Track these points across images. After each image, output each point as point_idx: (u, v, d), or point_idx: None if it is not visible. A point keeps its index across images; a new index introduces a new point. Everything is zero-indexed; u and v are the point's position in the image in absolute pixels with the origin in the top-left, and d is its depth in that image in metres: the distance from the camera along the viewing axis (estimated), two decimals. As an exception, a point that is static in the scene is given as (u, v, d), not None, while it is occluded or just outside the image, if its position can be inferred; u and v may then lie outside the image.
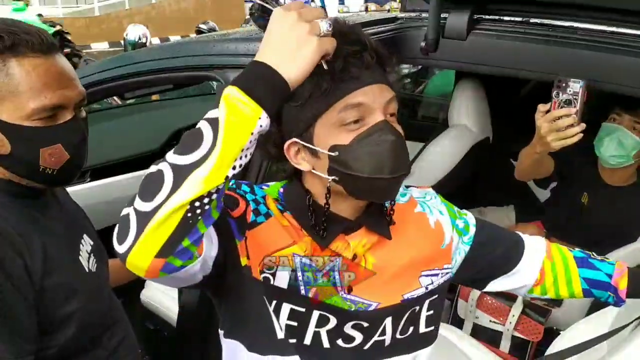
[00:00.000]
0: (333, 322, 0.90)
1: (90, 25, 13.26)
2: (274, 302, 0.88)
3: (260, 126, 0.71)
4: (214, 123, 0.69)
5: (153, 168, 0.70)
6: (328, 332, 0.90)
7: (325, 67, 0.76)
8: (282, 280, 0.87)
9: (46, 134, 0.95)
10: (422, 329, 0.98)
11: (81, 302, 1.02)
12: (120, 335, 1.16)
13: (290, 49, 0.71)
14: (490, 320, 1.89)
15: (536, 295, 1.11)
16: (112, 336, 1.13)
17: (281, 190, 0.93)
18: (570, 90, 1.32)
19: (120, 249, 0.68)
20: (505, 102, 2.46)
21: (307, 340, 0.90)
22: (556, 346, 1.45)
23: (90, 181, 2.14)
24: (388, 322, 0.93)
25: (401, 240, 0.94)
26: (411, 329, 0.96)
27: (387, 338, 0.94)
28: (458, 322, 1.96)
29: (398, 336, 0.95)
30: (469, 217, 1.06)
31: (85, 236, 1.14)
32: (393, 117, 0.84)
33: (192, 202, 0.67)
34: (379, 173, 0.80)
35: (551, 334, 1.76)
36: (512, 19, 1.52)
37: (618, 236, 1.80)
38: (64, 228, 1.08)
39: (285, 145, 0.84)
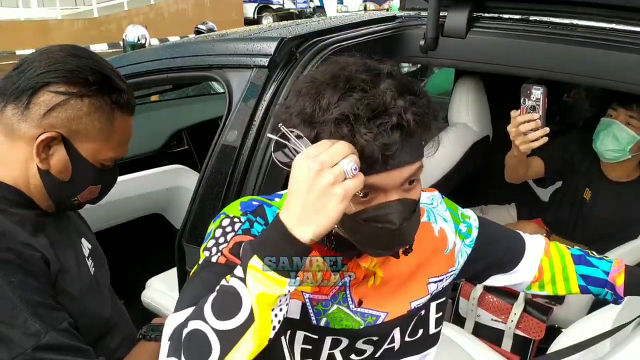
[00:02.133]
0: (345, 342, 0.92)
1: (89, 26, 13.25)
2: (289, 331, 0.90)
3: (288, 291, 0.70)
4: (244, 293, 0.68)
5: (192, 326, 0.69)
6: (341, 351, 0.93)
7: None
8: (294, 311, 0.88)
9: (99, 176, 1.05)
10: (432, 330, 1.01)
11: (87, 304, 1.04)
12: (121, 336, 1.16)
13: (314, 206, 0.67)
14: (492, 319, 1.89)
15: (534, 291, 1.14)
16: (113, 337, 1.13)
17: None
18: (533, 97, 1.37)
19: None
20: (505, 100, 2.46)
21: (323, 359, 0.92)
22: (558, 344, 1.45)
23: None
24: (396, 331, 0.95)
25: (406, 257, 0.93)
26: (421, 331, 0.98)
27: (397, 345, 0.96)
28: (460, 321, 1.96)
29: (407, 339, 0.97)
30: (472, 219, 1.07)
31: (83, 240, 1.15)
32: (414, 182, 0.78)
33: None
34: (376, 249, 0.80)
35: (553, 332, 1.76)
36: (511, 16, 1.52)
37: (620, 232, 1.80)
38: (66, 233, 1.10)
39: None
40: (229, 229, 0.85)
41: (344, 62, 0.79)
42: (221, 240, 0.83)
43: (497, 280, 1.11)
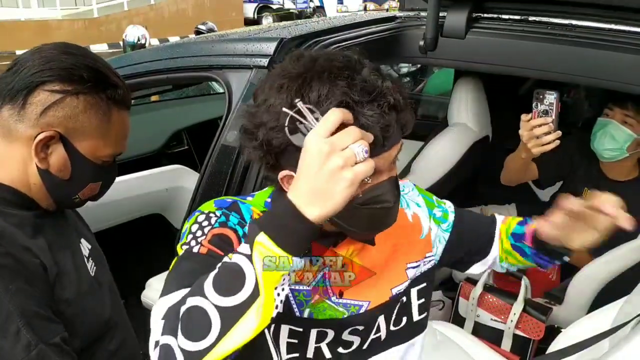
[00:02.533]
0: (331, 334, 0.93)
1: (89, 26, 13.25)
2: (273, 325, 0.89)
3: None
4: (249, 269, 0.67)
5: (191, 303, 0.67)
6: (328, 344, 0.93)
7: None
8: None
9: (99, 172, 1.05)
10: (416, 317, 1.01)
11: (86, 305, 1.04)
12: (121, 336, 1.16)
13: (322, 189, 0.66)
14: (492, 319, 1.89)
15: (505, 264, 1.12)
16: (113, 338, 1.13)
17: (268, 200, 0.93)
18: (546, 102, 1.44)
19: None
20: (504, 100, 2.46)
21: (310, 354, 0.93)
22: (557, 344, 1.45)
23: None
24: (381, 319, 0.96)
25: (383, 239, 0.95)
26: (404, 319, 0.99)
27: (382, 334, 0.97)
28: (459, 321, 1.96)
29: (392, 328, 0.98)
30: (448, 205, 1.09)
31: (82, 240, 1.15)
32: (394, 161, 0.82)
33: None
34: (371, 231, 0.84)
35: (552, 332, 1.76)
36: (511, 17, 1.52)
37: (619, 232, 1.79)
38: (65, 234, 1.10)
39: (281, 175, 0.81)
40: (205, 223, 0.85)
41: (310, 55, 0.80)
42: (199, 234, 0.83)
43: (477, 269, 1.11)
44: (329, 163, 0.65)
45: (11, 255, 0.91)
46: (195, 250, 0.81)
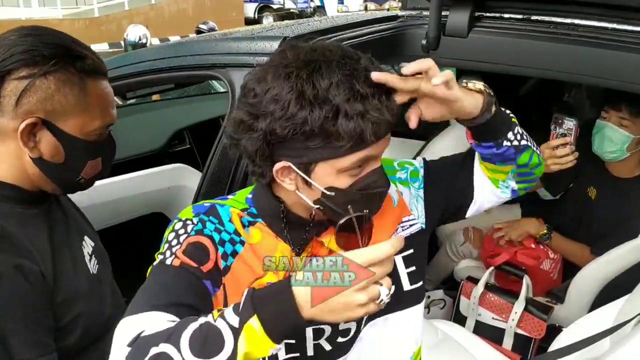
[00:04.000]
0: (328, 329, 0.93)
1: (90, 26, 13.24)
2: None
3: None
4: (229, 341, 0.67)
5: (163, 349, 0.67)
6: (327, 339, 0.93)
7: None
8: None
9: (94, 148, 1.03)
10: (406, 286, 0.99)
11: (86, 304, 1.04)
12: None
13: (332, 307, 0.69)
14: (493, 318, 1.90)
15: (504, 183, 1.05)
16: (111, 339, 1.13)
17: (249, 196, 0.93)
18: (565, 127, 1.63)
19: None
20: (506, 100, 2.46)
21: (310, 351, 0.93)
22: (558, 343, 1.45)
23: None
24: None
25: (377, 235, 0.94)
26: (393, 287, 0.96)
27: (377, 315, 0.97)
28: (460, 320, 1.96)
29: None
30: (417, 161, 1.06)
31: (86, 238, 1.15)
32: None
33: None
34: (362, 213, 0.83)
35: (554, 331, 1.76)
36: (513, 16, 1.52)
37: (624, 229, 1.80)
38: (66, 231, 1.09)
39: (278, 166, 0.82)
40: (181, 231, 0.86)
41: (309, 46, 0.82)
42: (174, 242, 0.85)
43: (474, 210, 1.06)
44: (355, 296, 0.68)
45: (10, 264, 0.90)
46: (168, 262, 0.82)
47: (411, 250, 0.98)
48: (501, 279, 2.02)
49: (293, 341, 0.91)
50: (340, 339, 0.94)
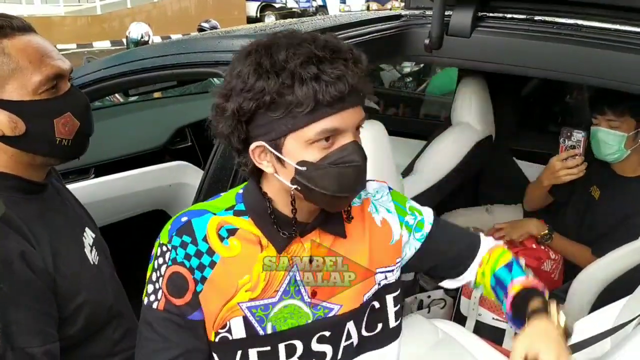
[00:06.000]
0: (300, 346, 0.92)
1: (92, 23, 13.25)
2: (239, 352, 0.90)
3: None
4: None
5: None
6: (300, 357, 0.92)
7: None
8: (238, 330, 0.90)
9: (55, 105, 0.98)
10: (392, 323, 1.01)
11: (88, 294, 1.04)
12: (125, 326, 1.16)
13: None
14: (493, 318, 1.89)
15: (480, 289, 1.13)
16: (117, 327, 1.14)
17: (240, 192, 0.94)
18: (574, 139, 1.81)
19: None
20: (508, 100, 2.46)
21: None
22: (559, 343, 1.45)
23: (94, 178, 2.15)
24: (350, 325, 0.95)
25: (355, 241, 0.95)
26: (380, 325, 0.99)
27: (355, 340, 0.96)
28: (461, 320, 1.96)
29: (365, 333, 0.98)
30: (427, 214, 1.06)
31: (87, 229, 1.15)
32: (358, 130, 0.85)
33: None
34: (342, 192, 0.83)
35: (554, 331, 1.76)
36: (516, 16, 1.53)
37: (626, 228, 1.80)
38: (67, 222, 1.09)
39: (252, 146, 0.84)
40: (160, 260, 0.89)
41: (274, 32, 0.84)
42: (154, 277, 0.90)
43: (447, 284, 1.12)
44: None
45: (16, 252, 0.90)
46: (154, 306, 0.89)
47: (398, 292, 1.02)
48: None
49: None
50: None
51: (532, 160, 2.43)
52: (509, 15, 1.54)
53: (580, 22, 1.45)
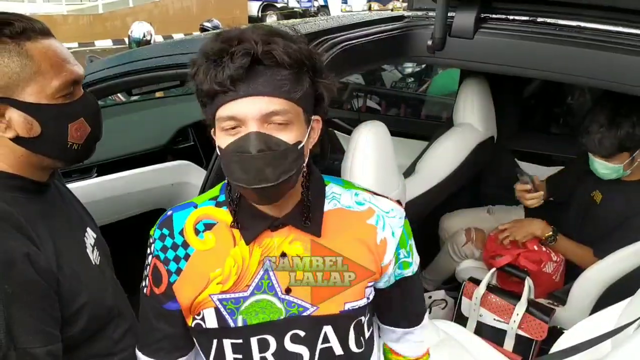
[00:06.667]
0: (273, 342, 0.92)
1: (94, 22, 13.25)
2: (215, 341, 0.93)
3: None
4: None
5: None
6: (273, 354, 0.93)
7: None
8: (211, 320, 0.92)
9: (70, 110, 0.99)
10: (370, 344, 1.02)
11: (90, 294, 1.04)
12: (125, 325, 1.16)
13: None
14: (494, 319, 1.90)
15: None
16: (117, 327, 1.14)
17: (225, 182, 0.96)
18: (524, 180, 2.10)
19: None
20: (510, 101, 2.46)
21: None
22: (560, 345, 1.45)
23: (97, 177, 2.16)
24: (328, 330, 0.94)
25: (344, 247, 0.93)
26: (362, 342, 0.98)
27: (336, 347, 0.94)
28: (462, 320, 1.96)
29: (355, 350, 0.96)
30: (416, 261, 1.03)
31: (88, 229, 1.16)
32: (283, 124, 0.82)
33: None
34: (241, 182, 0.83)
35: (555, 333, 1.76)
36: (519, 18, 1.53)
37: (627, 231, 1.81)
38: (69, 222, 1.10)
39: (211, 132, 0.87)
40: (148, 251, 0.98)
41: None
42: (146, 265, 0.98)
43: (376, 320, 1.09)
44: None
45: (20, 252, 0.90)
46: (144, 291, 0.99)
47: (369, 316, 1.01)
48: (503, 280, 2.03)
49: (240, 356, 0.93)
50: None
51: (533, 161, 2.43)
52: (511, 17, 1.55)
53: (582, 24, 1.45)
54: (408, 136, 2.67)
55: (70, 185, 1.26)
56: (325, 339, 0.93)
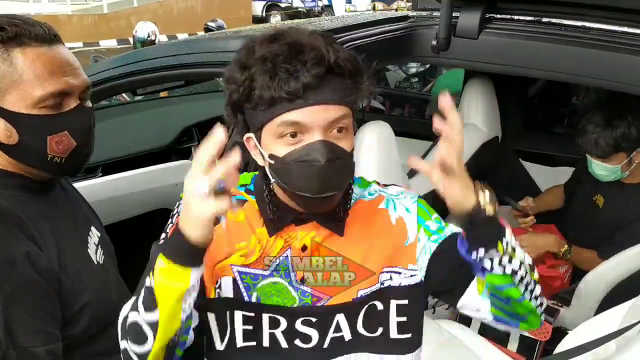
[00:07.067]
0: (284, 323, 0.92)
1: (99, 22, 13.29)
2: (227, 312, 0.92)
3: (192, 285, 0.77)
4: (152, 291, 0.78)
5: (131, 318, 0.82)
6: (283, 332, 0.93)
7: (223, 227, 0.82)
8: (227, 290, 0.92)
9: (52, 122, 0.96)
10: (393, 334, 0.95)
11: (92, 294, 1.04)
12: None
13: (185, 213, 0.75)
14: (498, 319, 1.89)
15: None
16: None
17: (256, 175, 0.97)
18: (512, 205, 2.15)
19: None
20: (514, 101, 2.46)
21: (265, 342, 0.93)
22: (564, 345, 1.45)
23: (102, 176, 2.16)
24: (341, 318, 0.93)
25: (358, 236, 0.94)
26: (380, 329, 0.95)
27: (346, 334, 0.94)
28: (466, 320, 1.96)
29: (362, 332, 0.94)
30: (452, 226, 0.98)
31: (92, 228, 1.15)
32: (343, 132, 0.83)
33: (167, 345, 0.81)
34: (305, 191, 0.83)
35: (559, 333, 1.76)
36: (524, 18, 1.53)
37: (630, 233, 1.80)
38: (73, 221, 1.10)
39: (245, 137, 0.87)
40: (175, 212, 0.95)
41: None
42: (169, 222, 0.95)
43: (468, 302, 0.96)
44: (185, 192, 0.74)
45: (21, 251, 0.91)
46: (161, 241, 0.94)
47: (406, 301, 0.95)
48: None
49: (250, 327, 0.92)
50: (299, 342, 0.93)
51: (538, 162, 2.43)
52: (516, 17, 1.54)
53: (587, 24, 1.45)
54: (412, 136, 2.67)
55: (75, 184, 1.27)
56: (338, 329, 0.93)
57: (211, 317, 0.94)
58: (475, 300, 0.95)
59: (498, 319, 0.96)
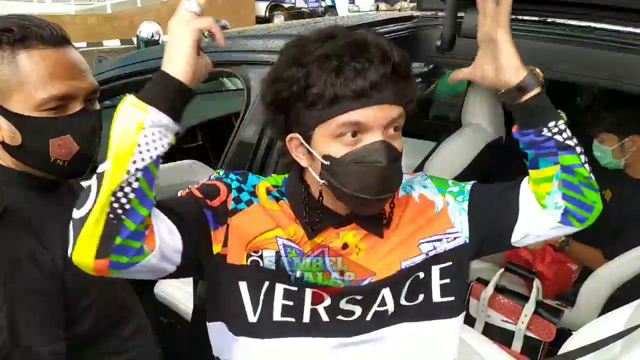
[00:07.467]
0: (327, 300, 0.91)
1: (102, 22, 13.33)
2: (267, 283, 0.89)
3: (152, 121, 0.74)
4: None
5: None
6: (325, 308, 0.91)
7: (205, 39, 0.81)
8: (269, 262, 0.89)
9: (56, 125, 0.96)
10: (436, 297, 0.94)
11: (97, 294, 1.04)
12: (134, 324, 1.17)
13: (169, 47, 0.76)
14: (502, 320, 1.89)
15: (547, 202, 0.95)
16: (126, 325, 1.14)
17: (287, 177, 0.96)
18: None
19: (69, 251, 0.76)
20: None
21: (306, 318, 0.90)
22: (568, 346, 1.45)
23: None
24: (386, 292, 0.92)
25: (394, 231, 0.94)
26: (422, 296, 0.94)
27: (390, 307, 0.92)
28: (470, 321, 1.96)
29: (404, 302, 0.93)
30: (468, 183, 1.02)
31: None
32: (397, 131, 0.84)
33: (110, 203, 0.73)
34: (363, 193, 0.82)
35: (563, 334, 1.75)
36: (529, 18, 1.52)
37: (637, 229, 1.80)
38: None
39: (288, 137, 0.86)
40: (206, 180, 0.92)
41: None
42: (193, 185, 0.91)
43: (520, 233, 0.96)
44: (169, 25, 0.76)
45: (25, 251, 0.91)
46: (178, 194, 0.90)
47: (449, 263, 0.95)
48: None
49: (291, 303, 0.89)
50: (341, 317, 0.91)
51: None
52: (521, 17, 1.54)
53: (593, 24, 1.45)
54: (416, 136, 2.67)
55: (81, 184, 1.27)
56: (382, 303, 0.92)
57: (243, 285, 0.89)
58: (535, 220, 0.94)
59: (567, 220, 0.94)
